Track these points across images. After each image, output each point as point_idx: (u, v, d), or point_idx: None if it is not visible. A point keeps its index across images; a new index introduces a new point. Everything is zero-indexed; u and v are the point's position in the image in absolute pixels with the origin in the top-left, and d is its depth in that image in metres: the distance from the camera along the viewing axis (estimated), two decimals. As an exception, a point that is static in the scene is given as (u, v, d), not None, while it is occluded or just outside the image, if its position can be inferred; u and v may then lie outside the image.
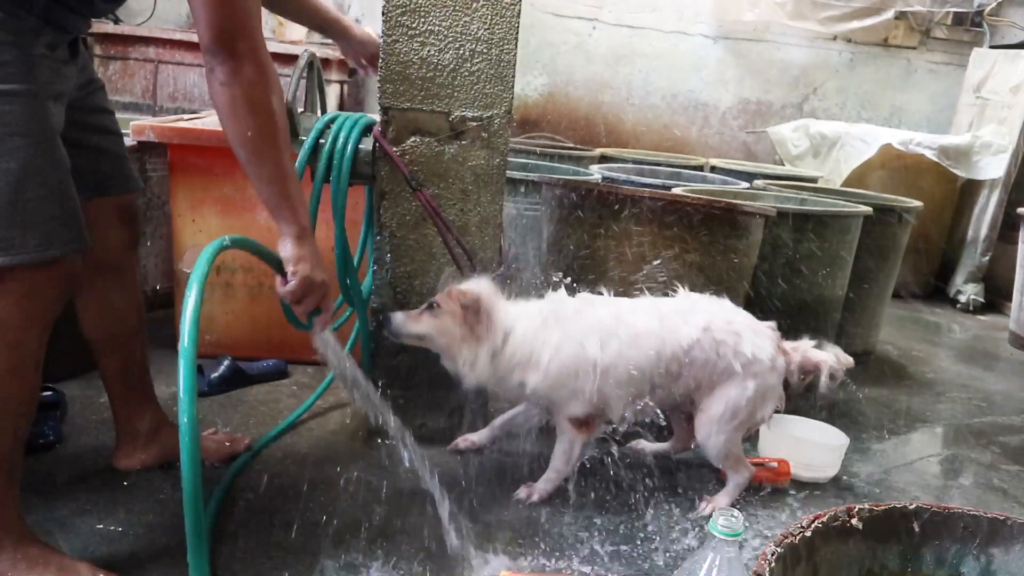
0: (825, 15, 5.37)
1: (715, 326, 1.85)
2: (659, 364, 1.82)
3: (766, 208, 2.40)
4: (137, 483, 1.84)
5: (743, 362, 1.85)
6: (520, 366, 1.80)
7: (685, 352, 1.83)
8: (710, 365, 1.85)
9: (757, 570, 1.01)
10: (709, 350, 1.84)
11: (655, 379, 1.83)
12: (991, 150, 4.53)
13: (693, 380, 1.87)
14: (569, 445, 1.89)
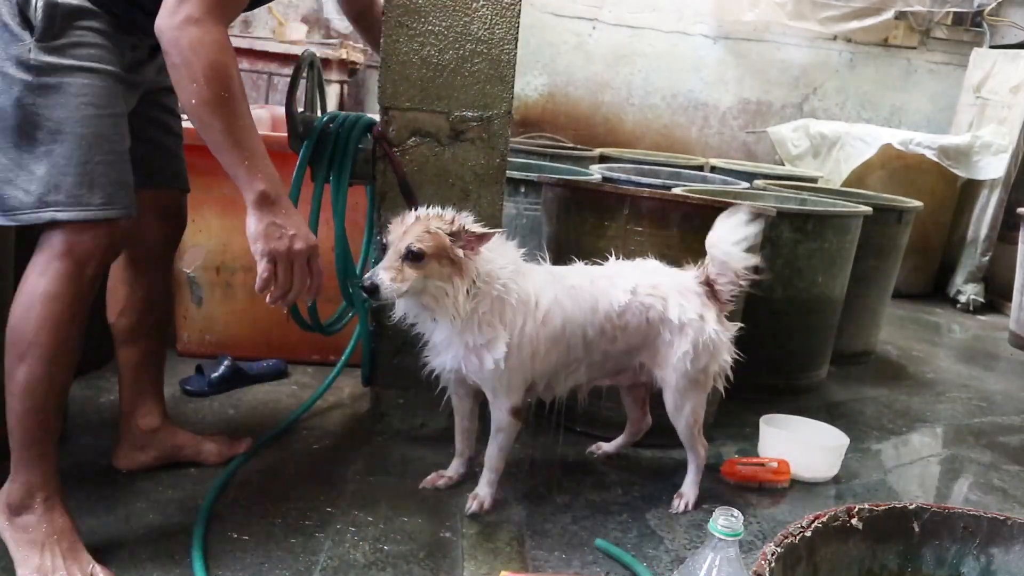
0: (825, 15, 5.37)
1: (641, 290, 1.81)
2: (594, 320, 1.77)
3: (766, 208, 2.40)
4: (137, 483, 1.84)
5: (672, 328, 1.81)
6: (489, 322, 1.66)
7: (618, 315, 1.78)
8: (642, 330, 1.82)
9: (757, 570, 1.01)
10: (639, 315, 1.80)
11: (590, 338, 1.77)
12: (991, 150, 4.53)
13: (628, 346, 1.83)
14: (507, 440, 1.81)
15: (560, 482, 2.04)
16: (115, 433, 1.91)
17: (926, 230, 4.61)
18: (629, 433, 2.19)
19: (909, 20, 5.42)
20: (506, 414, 1.78)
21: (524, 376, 1.75)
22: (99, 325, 2.45)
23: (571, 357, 1.80)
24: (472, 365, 1.70)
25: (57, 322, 1.42)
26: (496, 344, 1.67)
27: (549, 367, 1.79)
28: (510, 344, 1.68)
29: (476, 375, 1.73)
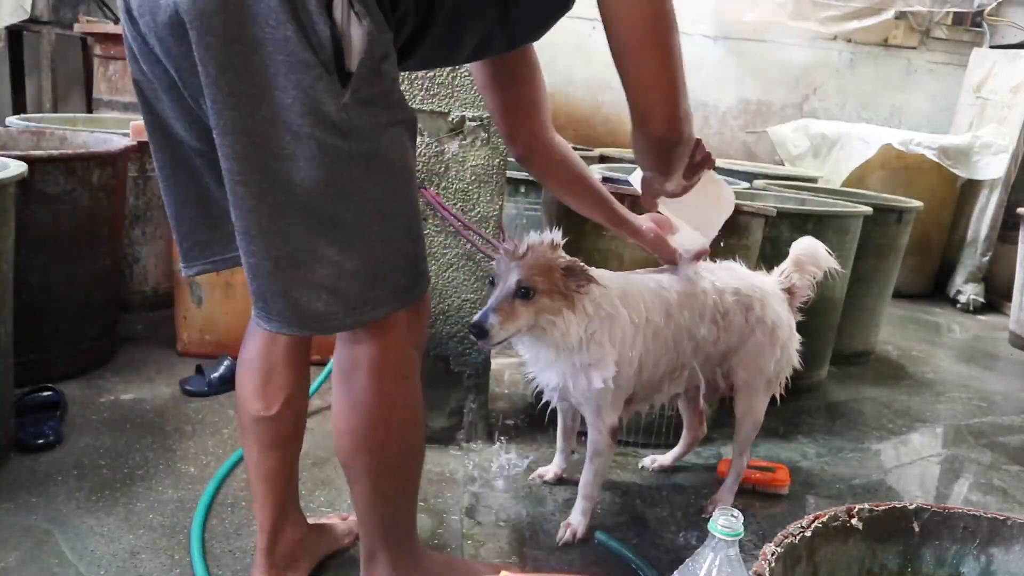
0: (825, 15, 5.37)
1: (743, 291, 1.80)
2: (702, 324, 1.72)
3: (766, 208, 2.40)
4: (137, 483, 1.84)
5: (765, 330, 1.81)
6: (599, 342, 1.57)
7: (723, 315, 1.76)
8: (741, 330, 1.80)
9: (757, 570, 1.01)
10: (740, 315, 1.79)
11: (698, 340, 1.73)
12: (991, 150, 4.53)
13: (727, 347, 1.81)
14: (604, 464, 1.73)
15: (560, 482, 2.04)
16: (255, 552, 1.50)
17: (926, 230, 4.61)
18: (686, 442, 2.15)
19: (909, 20, 5.42)
20: (606, 436, 1.69)
21: (627, 391, 1.69)
22: (99, 325, 2.46)
23: (679, 363, 1.75)
24: (579, 385, 1.62)
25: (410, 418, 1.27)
26: (605, 364, 1.59)
27: (656, 377, 1.73)
28: (619, 363, 1.61)
29: (582, 395, 1.65)
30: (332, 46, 0.98)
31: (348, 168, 1.03)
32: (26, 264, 2.10)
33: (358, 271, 1.08)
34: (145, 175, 2.84)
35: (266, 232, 1.04)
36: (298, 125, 0.99)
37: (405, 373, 1.23)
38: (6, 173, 1.82)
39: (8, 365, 1.91)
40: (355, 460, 1.25)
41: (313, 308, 1.08)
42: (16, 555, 1.54)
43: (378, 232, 1.09)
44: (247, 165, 1.00)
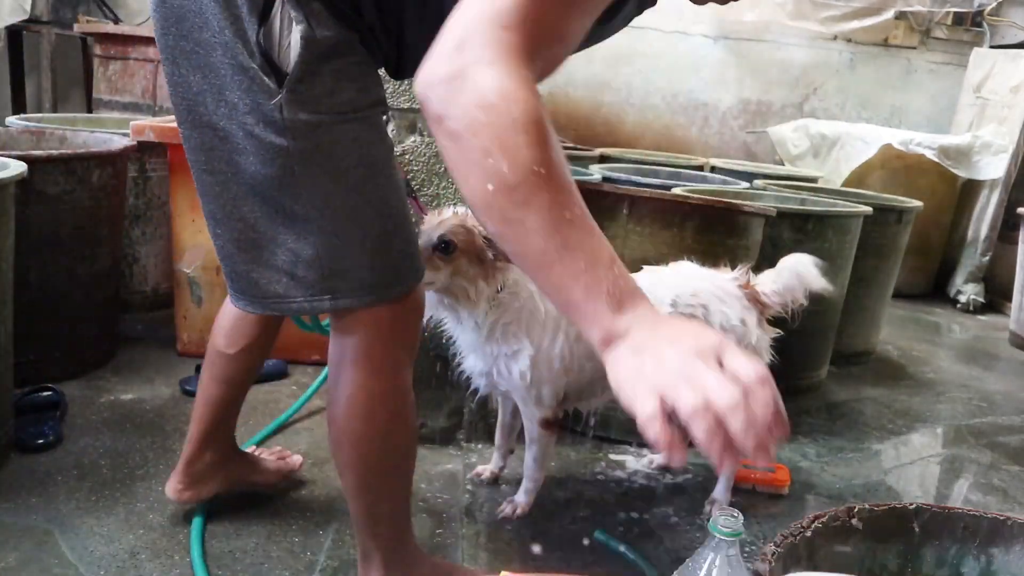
0: (825, 15, 5.37)
1: (681, 300, 1.77)
2: None
3: (766, 208, 2.40)
4: (137, 483, 1.84)
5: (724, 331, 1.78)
6: (514, 333, 1.62)
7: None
8: None
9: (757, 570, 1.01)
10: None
11: None
12: (991, 150, 4.53)
13: None
14: (541, 451, 1.79)
15: (560, 482, 2.04)
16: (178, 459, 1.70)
17: (926, 230, 4.60)
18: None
19: (909, 20, 5.42)
20: (536, 425, 1.75)
21: (555, 389, 1.71)
22: (99, 325, 2.46)
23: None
24: (502, 373, 1.68)
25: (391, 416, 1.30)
26: (520, 356, 1.64)
27: (585, 382, 1.75)
28: (536, 358, 1.64)
29: (505, 383, 1.70)
30: (260, 51, 1.04)
31: (291, 163, 1.08)
32: (26, 264, 2.10)
33: (314, 260, 1.13)
34: (145, 175, 2.84)
35: (230, 216, 1.14)
36: (245, 123, 1.07)
37: (387, 369, 1.25)
38: (6, 173, 1.82)
39: (8, 365, 1.91)
40: (339, 452, 1.30)
41: (272, 289, 1.17)
42: (16, 555, 1.54)
43: (332, 226, 1.13)
44: (212, 156, 1.11)
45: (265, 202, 1.12)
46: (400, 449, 1.32)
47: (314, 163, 1.09)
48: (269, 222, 1.13)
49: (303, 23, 1.04)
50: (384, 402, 1.26)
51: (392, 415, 1.28)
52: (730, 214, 2.24)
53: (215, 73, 1.07)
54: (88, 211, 2.32)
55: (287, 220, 1.12)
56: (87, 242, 2.34)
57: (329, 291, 1.16)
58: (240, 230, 1.15)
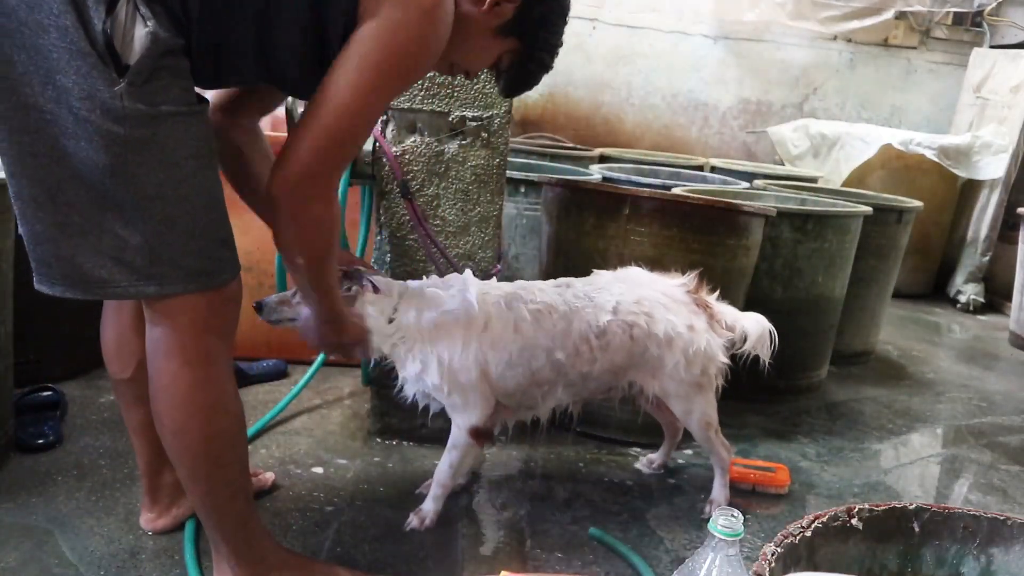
0: (825, 15, 5.37)
1: (623, 308, 1.76)
2: (565, 343, 1.72)
3: (766, 208, 2.40)
4: (136, 484, 1.84)
5: (658, 342, 1.78)
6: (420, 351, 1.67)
7: (597, 335, 1.74)
8: (627, 347, 1.77)
9: (757, 570, 1.01)
10: (622, 333, 1.76)
11: (560, 360, 1.73)
12: (991, 150, 4.53)
13: (612, 365, 1.78)
14: (460, 458, 1.75)
15: (560, 482, 2.04)
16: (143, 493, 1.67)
17: (926, 230, 4.61)
18: (669, 439, 2.15)
19: (909, 20, 5.42)
20: (464, 433, 1.73)
21: (482, 397, 1.71)
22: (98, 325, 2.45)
23: (537, 379, 1.74)
24: (422, 388, 1.71)
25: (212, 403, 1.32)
26: (428, 372, 1.67)
27: (511, 389, 1.73)
28: (448, 367, 1.66)
29: (433, 395, 1.72)
30: (104, 40, 1.07)
31: (125, 152, 1.11)
32: (26, 264, 2.09)
33: (141, 246, 1.17)
34: (145, 175, 2.83)
35: (54, 200, 1.14)
36: (77, 108, 1.08)
37: (200, 358, 1.27)
38: (6, 173, 1.81)
39: (8, 365, 1.91)
40: (165, 444, 1.32)
41: (97, 274, 1.18)
42: (16, 555, 1.54)
43: (161, 214, 1.17)
44: (37, 139, 1.10)
45: (93, 187, 1.13)
46: (224, 437, 1.33)
47: (148, 152, 1.13)
48: (96, 208, 1.14)
49: (151, 20, 1.10)
50: (202, 391, 1.28)
51: (211, 404, 1.30)
52: (730, 214, 2.24)
53: (43, 55, 1.07)
54: (88, 211, 2.32)
55: (115, 206, 1.15)
56: (87, 242, 2.34)
57: (155, 277, 1.19)
58: (65, 214, 1.15)
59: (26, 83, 1.08)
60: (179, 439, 1.30)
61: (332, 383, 2.53)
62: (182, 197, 1.18)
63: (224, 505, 1.36)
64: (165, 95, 1.14)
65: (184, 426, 1.28)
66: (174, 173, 1.16)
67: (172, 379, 1.26)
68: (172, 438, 1.30)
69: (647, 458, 2.19)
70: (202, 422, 1.29)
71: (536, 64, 1.44)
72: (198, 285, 1.23)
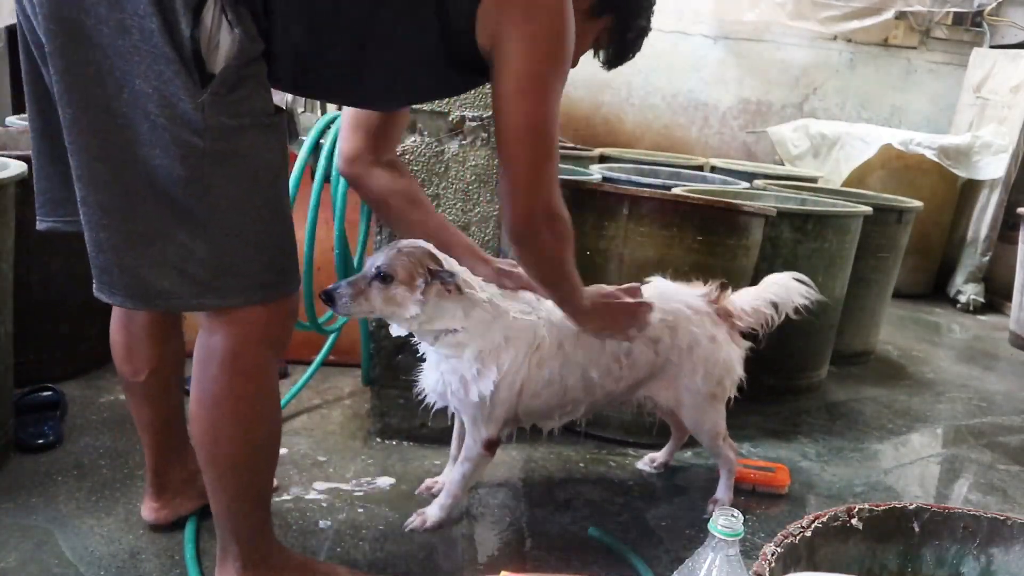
0: (825, 15, 5.37)
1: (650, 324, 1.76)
2: (599, 361, 1.72)
3: (766, 208, 2.40)
4: (137, 484, 1.84)
5: (680, 353, 1.78)
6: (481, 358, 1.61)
7: (626, 353, 1.74)
8: (650, 362, 1.78)
9: (757, 570, 1.01)
10: (648, 349, 1.77)
11: (593, 379, 1.73)
12: (991, 150, 4.53)
13: (634, 381, 1.79)
14: (472, 471, 1.73)
15: (560, 482, 2.04)
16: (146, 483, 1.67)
17: (926, 230, 4.60)
18: (675, 439, 2.15)
19: (909, 20, 5.42)
20: (479, 446, 1.70)
21: (508, 411, 1.69)
22: (99, 325, 2.45)
23: (568, 398, 1.74)
24: (458, 393, 1.65)
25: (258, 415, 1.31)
26: (486, 379, 1.62)
27: (539, 406, 1.73)
28: (499, 382, 1.63)
29: (460, 403, 1.67)
30: (192, 47, 1.03)
31: (202, 164, 1.08)
32: (26, 264, 2.10)
33: (207, 258, 1.13)
34: (145, 175, 2.83)
35: (121, 208, 1.09)
36: (155, 115, 1.04)
37: (255, 369, 1.26)
38: (6, 173, 1.82)
39: (8, 365, 1.91)
40: (200, 450, 1.29)
41: (159, 285, 1.13)
42: (16, 555, 1.54)
43: (232, 226, 1.14)
44: (107, 143, 1.05)
45: (163, 196, 1.09)
46: (262, 449, 1.33)
47: (227, 165, 1.10)
48: (164, 218, 1.11)
49: (239, 27, 1.05)
50: (251, 404, 1.27)
51: (257, 416, 1.28)
52: (730, 214, 2.24)
53: (121, 57, 1.02)
54: (88, 211, 2.31)
55: (184, 217, 1.11)
56: (87, 242, 2.34)
57: (217, 289, 1.16)
58: (131, 222, 1.11)
59: (100, 84, 1.04)
60: (218, 447, 1.28)
61: (332, 383, 2.53)
62: (255, 209, 1.16)
63: (248, 512, 1.35)
64: (248, 106, 1.11)
65: (227, 435, 1.27)
66: (250, 186, 1.14)
67: (221, 389, 1.24)
68: (211, 445, 1.28)
69: (649, 457, 2.19)
70: (244, 432, 1.28)
71: (635, 32, 1.47)
72: (260, 297, 1.20)
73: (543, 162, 1.32)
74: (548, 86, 1.28)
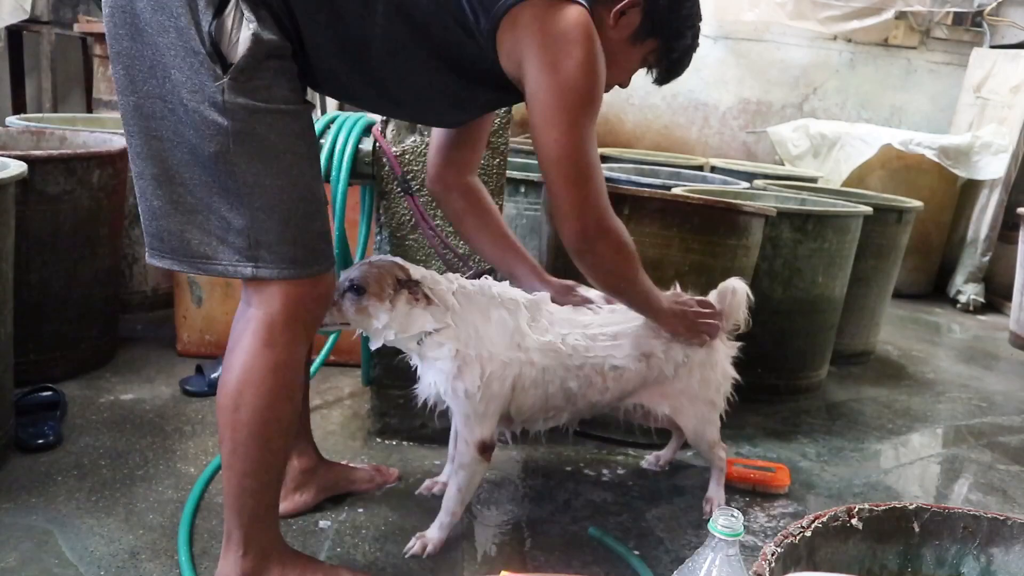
0: (825, 15, 5.37)
1: (640, 341, 1.75)
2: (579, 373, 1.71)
3: (766, 208, 2.40)
4: (137, 484, 1.84)
5: (676, 363, 1.78)
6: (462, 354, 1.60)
7: (611, 367, 1.73)
8: (641, 374, 1.77)
9: (757, 570, 1.01)
10: (638, 361, 1.75)
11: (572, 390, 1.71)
12: (991, 150, 4.53)
13: (621, 392, 1.78)
14: (469, 478, 1.66)
15: (560, 482, 2.04)
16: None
17: (926, 230, 4.61)
18: (677, 437, 2.14)
19: (909, 20, 5.42)
20: (473, 448, 1.64)
21: (501, 407, 1.66)
22: (99, 325, 2.46)
23: (550, 404, 1.72)
24: (447, 392, 1.62)
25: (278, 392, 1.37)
26: (466, 376, 1.60)
27: (527, 406, 1.70)
28: (490, 376, 1.61)
29: (451, 401, 1.64)
30: (211, 40, 1.19)
31: (228, 141, 1.22)
32: (26, 264, 2.10)
33: (243, 230, 1.26)
34: (145, 175, 2.83)
35: (172, 180, 1.26)
36: (188, 99, 1.21)
37: (282, 343, 1.32)
38: (6, 173, 1.82)
39: (8, 365, 1.91)
40: (223, 415, 1.34)
41: (202, 250, 1.28)
42: (16, 555, 1.54)
43: (260, 202, 1.26)
44: (162, 124, 1.24)
45: (203, 172, 1.24)
46: (280, 423, 1.36)
47: (248, 143, 1.23)
48: (206, 190, 1.25)
49: (254, 23, 1.20)
50: (276, 373, 1.32)
51: (281, 387, 1.34)
52: (730, 214, 2.24)
53: (162, 52, 1.20)
54: (88, 211, 2.32)
55: (221, 190, 1.25)
56: (87, 242, 2.34)
57: (253, 259, 1.28)
58: (179, 194, 1.26)
59: (151, 75, 1.22)
60: (238, 413, 1.33)
61: (332, 383, 2.53)
62: (279, 188, 1.27)
63: (256, 490, 1.38)
64: (267, 93, 1.24)
65: (248, 402, 1.32)
66: (272, 165, 1.26)
67: (251, 356, 1.31)
68: (232, 411, 1.33)
69: (654, 455, 2.18)
70: (266, 403, 1.33)
71: (681, 51, 1.51)
72: (291, 272, 1.30)
73: (583, 184, 1.39)
74: (574, 115, 1.33)
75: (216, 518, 1.72)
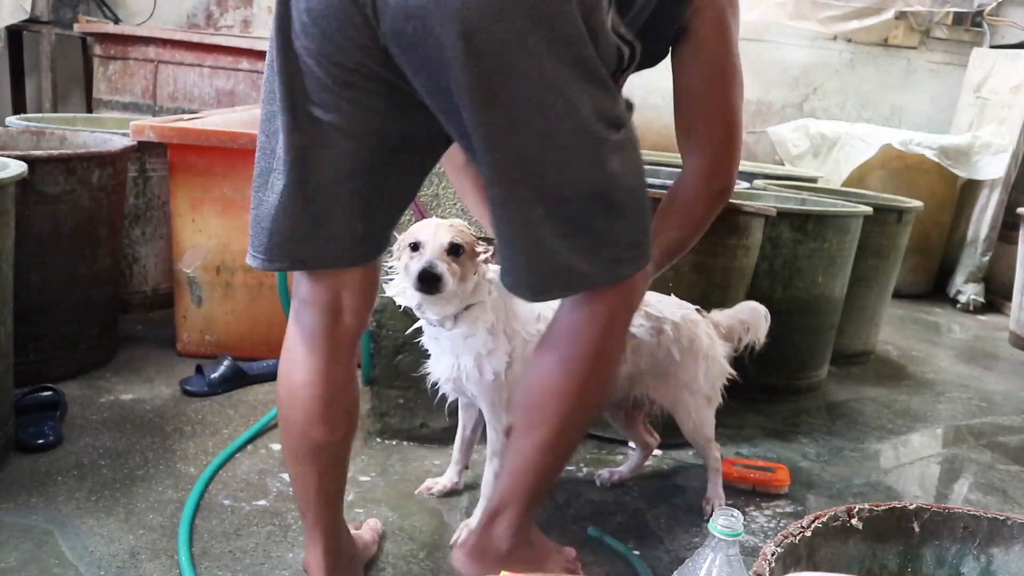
0: (825, 15, 5.36)
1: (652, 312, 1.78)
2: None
3: (766, 208, 2.40)
4: (137, 484, 1.84)
5: (682, 349, 1.80)
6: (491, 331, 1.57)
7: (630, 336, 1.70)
8: (652, 351, 1.78)
9: (757, 570, 1.01)
10: (651, 337, 1.76)
11: None
12: (991, 150, 4.53)
13: (636, 369, 1.78)
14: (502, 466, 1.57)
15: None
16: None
17: (926, 230, 4.60)
18: (641, 456, 2.09)
19: (909, 20, 5.42)
20: (501, 436, 1.63)
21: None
22: (99, 325, 2.46)
23: None
24: (472, 376, 1.61)
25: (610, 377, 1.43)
26: (496, 354, 1.59)
27: None
28: (513, 356, 1.60)
29: (476, 387, 1.63)
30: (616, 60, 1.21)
31: (619, 154, 1.22)
32: (26, 264, 2.10)
33: (618, 237, 1.26)
34: (145, 175, 2.84)
35: (557, 214, 1.20)
36: (585, 121, 1.15)
37: (624, 333, 1.38)
38: (6, 173, 1.82)
39: (8, 365, 1.91)
40: (554, 404, 1.31)
41: (581, 269, 1.24)
42: (16, 555, 1.54)
43: (633, 203, 1.26)
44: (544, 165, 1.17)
45: (590, 192, 1.21)
46: (598, 409, 1.46)
47: (633, 151, 1.27)
48: (590, 210, 1.22)
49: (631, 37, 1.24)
50: (615, 365, 1.39)
51: (613, 376, 1.44)
52: (730, 214, 2.23)
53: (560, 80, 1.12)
54: (88, 211, 2.32)
55: (606, 206, 1.22)
56: (87, 242, 2.34)
57: (621, 261, 1.27)
58: (567, 223, 1.21)
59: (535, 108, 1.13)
60: (582, 399, 1.31)
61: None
62: (644, 186, 1.30)
63: (555, 475, 1.43)
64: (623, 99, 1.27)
65: (595, 393, 1.34)
66: (640, 166, 1.29)
67: (598, 350, 1.30)
68: (577, 402, 1.31)
69: (607, 471, 2.07)
70: (605, 390, 1.39)
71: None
72: (644, 262, 1.31)
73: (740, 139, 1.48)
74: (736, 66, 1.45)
75: (216, 518, 1.72)
